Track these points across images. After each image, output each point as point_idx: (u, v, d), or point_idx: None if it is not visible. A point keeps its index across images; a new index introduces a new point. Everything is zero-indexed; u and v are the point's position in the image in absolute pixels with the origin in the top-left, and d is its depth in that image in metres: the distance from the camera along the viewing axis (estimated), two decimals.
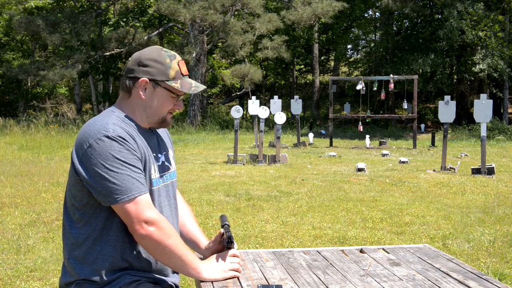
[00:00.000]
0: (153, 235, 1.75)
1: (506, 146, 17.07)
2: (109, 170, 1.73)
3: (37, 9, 26.32)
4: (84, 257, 1.84)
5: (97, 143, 1.75)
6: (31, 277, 4.26)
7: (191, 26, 22.84)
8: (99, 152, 1.74)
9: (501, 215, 6.54)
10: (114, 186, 1.73)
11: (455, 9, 21.32)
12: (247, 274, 2.12)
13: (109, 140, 1.75)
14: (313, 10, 21.84)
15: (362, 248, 2.47)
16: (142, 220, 1.74)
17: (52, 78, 21.26)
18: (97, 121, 1.83)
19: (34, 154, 12.93)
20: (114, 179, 1.73)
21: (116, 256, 1.84)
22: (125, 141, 1.78)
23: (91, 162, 1.74)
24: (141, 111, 1.92)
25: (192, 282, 4.06)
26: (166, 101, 1.94)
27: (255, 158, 11.72)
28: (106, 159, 1.73)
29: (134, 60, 1.92)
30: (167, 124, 2.01)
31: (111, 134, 1.76)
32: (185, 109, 25.10)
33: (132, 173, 1.76)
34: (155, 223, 1.76)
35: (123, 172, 1.74)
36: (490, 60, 21.11)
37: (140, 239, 1.78)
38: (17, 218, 6.27)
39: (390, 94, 24.22)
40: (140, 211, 1.74)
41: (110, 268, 1.84)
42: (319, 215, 6.51)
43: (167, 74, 1.91)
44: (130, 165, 1.76)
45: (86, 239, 1.83)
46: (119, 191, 1.73)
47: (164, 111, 1.95)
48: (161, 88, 1.91)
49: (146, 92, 1.90)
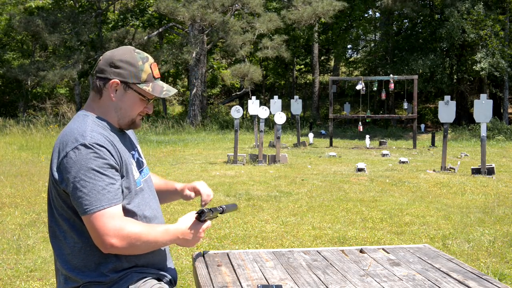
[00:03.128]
0: (116, 245, 1.73)
1: (506, 146, 17.07)
2: (82, 180, 1.70)
3: (37, 9, 26.32)
4: (85, 265, 1.82)
5: (74, 152, 1.72)
6: (31, 277, 4.26)
7: (191, 26, 22.84)
8: (75, 161, 1.71)
9: (501, 215, 6.54)
10: (85, 196, 1.70)
11: (456, 8, 21.32)
12: (247, 274, 2.12)
13: (85, 148, 1.72)
14: (313, 9, 21.83)
15: (362, 248, 2.47)
16: (106, 233, 1.71)
17: (52, 78, 21.27)
18: (73, 129, 1.79)
19: (34, 154, 12.93)
20: (85, 189, 1.70)
21: (118, 257, 1.83)
22: (102, 148, 1.75)
23: (67, 171, 1.72)
24: (112, 112, 1.90)
25: (192, 282, 4.06)
26: (136, 104, 1.91)
27: (255, 158, 11.72)
28: (80, 169, 1.70)
29: (106, 60, 1.89)
30: (137, 126, 1.97)
31: (88, 141, 1.74)
32: (185, 109, 25.10)
33: (104, 184, 1.73)
34: (117, 235, 1.72)
35: (95, 182, 1.71)
36: (491, 59, 21.11)
37: (105, 250, 1.76)
38: (17, 218, 6.27)
39: (390, 94, 24.22)
40: (105, 223, 1.71)
41: (114, 269, 1.83)
42: (319, 215, 6.51)
43: (138, 77, 1.88)
44: (103, 174, 1.73)
45: (82, 247, 1.81)
46: (88, 202, 1.70)
47: (134, 114, 1.92)
48: (132, 91, 1.88)
49: (116, 94, 1.88)
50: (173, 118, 25.13)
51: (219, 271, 2.20)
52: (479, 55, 21.31)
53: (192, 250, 5.02)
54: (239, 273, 2.14)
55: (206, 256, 2.42)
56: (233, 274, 2.15)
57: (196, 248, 5.09)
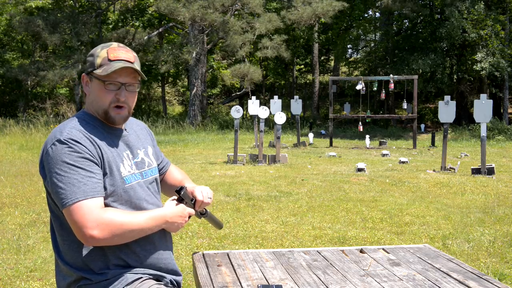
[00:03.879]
0: (97, 236, 1.71)
1: (506, 146, 17.07)
2: (58, 174, 1.73)
3: (37, 9, 26.31)
4: (74, 262, 1.84)
5: (51, 149, 1.76)
6: (31, 277, 4.26)
7: (191, 26, 22.84)
8: (52, 157, 1.75)
9: (501, 215, 6.54)
10: (61, 190, 1.72)
11: (456, 8, 21.32)
12: (247, 274, 2.12)
13: (60, 144, 1.76)
14: (313, 9, 21.84)
15: (362, 248, 2.47)
16: (84, 225, 1.70)
17: (52, 78, 21.27)
18: (58, 127, 1.85)
19: (34, 154, 12.93)
20: (61, 183, 1.72)
21: (104, 254, 1.83)
22: (76, 143, 1.77)
23: (47, 168, 1.77)
24: (91, 107, 1.94)
25: (192, 282, 4.06)
26: (101, 92, 1.88)
27: (255, 158, 11.72)
28: (56, 164, 1.74)
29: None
30: (113, 120, 1.91)
31: (63, 137, 1.77)
32: (185, 109, 25.10)
33: (80, 177, 1.73)
34: (96, 226, 1.71)
35: (70, 176, 1.73)
36: (491, 59, 21.11)
37: (87, 243, 1.76)
38: (17, 218, 6.27)
39: (390, 94, 24.22)
40: (83, 215, 1.70)
41: (104, 266, 1.84)
42: (319, 215, 6.51)
43: (94, 63, 1.90)
44: (78, 167, 1.74)
45: (70, 244, 1.83)
46: (64, 195, 1.71)
47: (104, 104, 1.88)
48: (94, 79, 1.90)
49: (88, 87, 1.94)
50: (173, 118, 25.13)
51: (219, 271, 2.20)
52: (480, 55, 21.31)
53: (192, 250, 5.02)
54: (239, 273, 2.14)
55: (206, 256, 2.42)
56: (233, 274, 2.15)
57: (196, 248, 5.09)
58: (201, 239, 5.39)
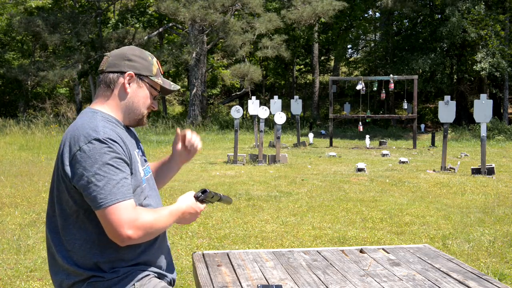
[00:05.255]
0: (133, 236, 1.74)
1: (506, 146, 17.07)
2: (96, 174, 1.71)
3: (37, 9, 26.32)
4: (84, 262, 1.82)
5: (88, 147, 1.73)
6: (31, 277, 4.26)
7: (191, 26, 22.84)
8: (89, 155, 1.72)
9: (501, 215, 6.54)
10: (100, 190, 1.71)
11: (456, 8, 21.32)
12: (247, 274, 2.12)
13: (99, 143, 1.73)
14: (313, 9, 21.83)
15: (362, 248, 2.47)
16: (122, 225, 1.71)
17: (52, 79, 21.26)
18: (84, 124, 1.80)
19: (34, 154, 12.93)
20: (100, 183, 1.71)
21: (118, 254, 1.84)
22: (114, 143, 1.77)
23: (81, 165, 1.72)
24: (123, 107, 1.91)
25: (192, 282, 4.06)
26: (147, 97, 1.95)
27: (255, 158, 11.72)
28: (95, 163, 1.71)
29: (118, 55, 1.92)
30: (143, 123, 1.99)
31: (101, 136, 1.75)
32: (185, 109, 25.09)
33: (118, 178, 1.74)
34: (133, 226, 1.73)
35: (109, 176, 1.72)
36: (492, 59, 21.11)
37: (122, 243, 1.77)
38: (17, 218, 6.27)
39: (390, 94, 24.22)
40: (121, 216, 1.72)
41: (116, 266, 1.84)
42: (319, 215, 6.51)
43: (150, 70, 1.93)
44: (116, 168, 1.75)
45: (82, 244, 1.82)
46: (103, 195, 1.71)
47: (144, 108, 1.95)
48: (144, 84, 1.92)
49: (130, 86, 1.91)
50: (173, 118, 25.13)
51: (219, 271, 2.20)
52: (480, 55, 21.31)
53: (192, 250, 5.02)
54: (239, 273, 2.14)
55: (206, 256, 2.42)
56: (233, 274, 2.15)
57: (196, 248, 5.09)
58: (201, 239, 5.39)
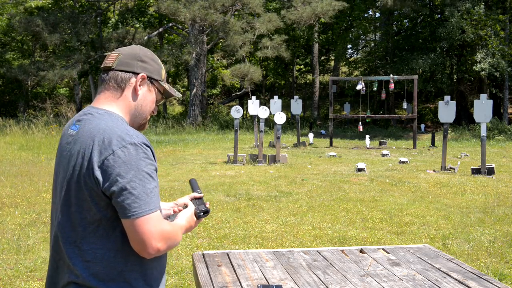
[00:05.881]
0: (161, 248, 1.66)
1: (506, 146, 17.07)
2: (132, 181, 1.60)
3: (37, 9, 26.33)
4: (107, 273, 1.68)
5: (122, 151, 1.61)
6: (31, 277, 4.26)
7: (191, 26, 22.85)
8: (124, 161, 1.60)
9: (501, 215, 6.54)
10: (135, 199, 1.59)
11: (456, 8, 21.32)
12: (247, 274, 2.13)
13: (134, 148, 1.62)
14: (313, 9, 21.85)
15: (362, 248, 2.47)
16: (153, 237, 1.62)
17: (52, 78, 21.27)
18: (111, 126, 1.67)
19: (34, 154, 12.93)
20: (135, 191, 1.59)
21: (141, 264, 1.72)
22: (148, 148, 1.67)
23: (114, 171, 1.60)
24: (132, 110, 1.82)
25: (192, 282, 4.06)
26: (153, 102, 1.88)
27: (255, 158, 11.72)
28: (131, 170, 1.60)
29: (130, 54, 1.83)
30: (145, 128, 1.91)
31: (136, 140, 1.64)
32: (185, 109, 25.09)
33: (151, 186, 1.64)
34: (162, 238, 1.65)
35: (144, 185, 1.61)
36: (491, 59, 21.12)
37: (149, 255, 1.67)
38: (17, 218, 6.27)
39: (390, 94, 24.22)
40: (153, 227, 1.62)
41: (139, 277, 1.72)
42: (319, 215, 6.50)
43: (160, 74, 1.88)
44: (150, 176, 1.64)
45: (105, 253, 1.67)
46: (138, 205, 1.60)
47: (148, 113, 1.88)
48: (153, 87, 1.87)
49: (141, 88, 1.82)
50: (173, 118, 25.13)
51: (219, 271, 2.20)
52: (479, 56, 21.31)
53: (192, 250, 5.02)
54: (239, 273, 2.14)
55: (206, 256, 2.42)
56: (233, 274, 2.15)
57: (196, 248, 5.09)
58: (201, 239, 5.39)
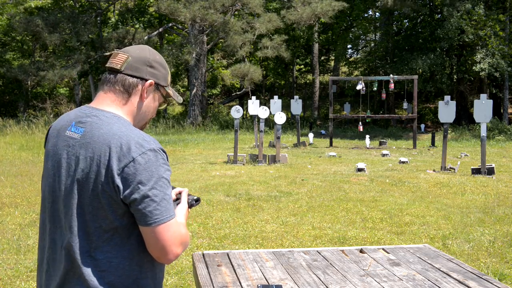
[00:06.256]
0: (179, 253, 1.67)
1: (506, 146, 17.07)
2: (154, 188, 1.58)
3: (37, 9, 26.33)
4: (122, 282, 1.65)
5: (143, 158, 1.59)
6: (31, 277, 4.26)
7: (191, 26, 22.85)
8: (145, 168, 1.58)
9: (501, 215, 6.54)
10: (157, 206, 1.58)
11: (455, 9, 21.32)
12: (247, 274, 2.13)
13: (154, 154, 1.61)
14: (312, 9, 21.86)
15: (362, 248, 2.47)
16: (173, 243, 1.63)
17: (52, 78, 21.27)
18: (125, 131, 1.64)
19: (34, 154, 12.93)
20: (156, 198, 1.58)
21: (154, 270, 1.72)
22: (165, 154, 1.66)
23: (135, 178, 1.57)
24: (136, 115, 1.80)
25: (192, 282, 4.06)
26: (156, 108, 1.86)
27: (255, 158, 11.72)
28: (152, 177, 1.59)
29: (139, 58, 1.79)
30: (143, 130, 1.88)
31: (155, 146, 1.62)
32: (185, 109, 25.09)
33: (169, 192, 1.63)
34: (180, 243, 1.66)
35: (164, 191, 1.61)
36: (491, 59, 21.12)
37: (168, 261, 1.67)
38: (17, 218, 6.27)
39: (390, 94, 24.22)
40: (174, 233, 1.62)
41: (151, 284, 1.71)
42: (319, 215, 6.50)
43: (167, 79, 1.85)
44: (168, 183, 1.64)
45: (121, 261, 1.65)
46: (159, 212, 1.59)
47: (149, 117, 1.86)
48: (158, 94, 1.84)
49: (147, 95, 1.80)
50: (173, 118, 25.14)
51: (219, 271, 2.20)
52: (479, 56, 21.32)
53: (192, 250, 5.02)
54: (239, 273, 2.14)
55: (206, 256, 2.42)
56: (233, 274, 2.15)
57: (196, 248, 5.09)
58: (201, 239, 5.39)
